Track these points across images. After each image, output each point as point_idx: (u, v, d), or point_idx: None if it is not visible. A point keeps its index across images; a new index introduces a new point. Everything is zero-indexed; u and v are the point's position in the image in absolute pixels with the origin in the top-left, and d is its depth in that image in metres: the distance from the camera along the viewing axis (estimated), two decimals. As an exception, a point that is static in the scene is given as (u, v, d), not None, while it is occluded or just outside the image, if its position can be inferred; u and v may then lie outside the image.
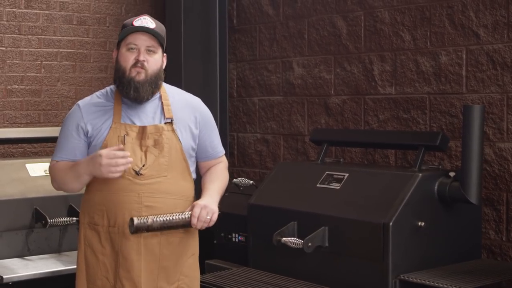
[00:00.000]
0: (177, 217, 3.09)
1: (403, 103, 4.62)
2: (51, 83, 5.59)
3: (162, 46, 3.21)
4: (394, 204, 3.65)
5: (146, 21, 3.18)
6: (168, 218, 3.06)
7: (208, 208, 3.13)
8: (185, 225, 3.12)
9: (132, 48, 3.16)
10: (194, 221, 3.10)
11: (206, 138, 3.34)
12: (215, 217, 3.15)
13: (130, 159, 3.05)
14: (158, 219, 3.04)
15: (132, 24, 3.17)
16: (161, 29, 3.22)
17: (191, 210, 3.13)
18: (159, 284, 3.18)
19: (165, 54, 3.28)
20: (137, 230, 3.02)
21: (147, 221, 3.02)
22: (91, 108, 3.22)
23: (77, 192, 3.33)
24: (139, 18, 3.20)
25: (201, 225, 3.12)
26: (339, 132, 4.88)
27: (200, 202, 3.15)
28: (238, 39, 5.79)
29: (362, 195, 3.87)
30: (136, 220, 3.01)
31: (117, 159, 3.01)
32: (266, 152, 5.58)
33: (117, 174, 3.05)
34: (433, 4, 4.45)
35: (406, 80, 4.59)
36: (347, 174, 4.04)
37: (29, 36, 5.47)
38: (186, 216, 3.11)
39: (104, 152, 3.03)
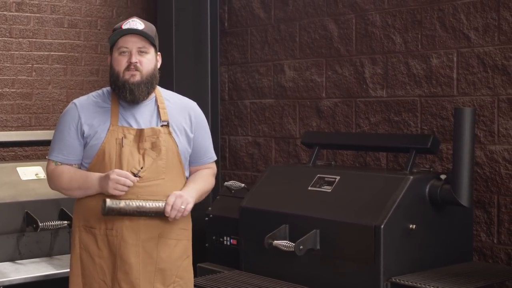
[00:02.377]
0: (151, 204, 3.09)
1: (394, 106, 4.62)
2: (42, 86, 5.58)
3: (154, 45, 3.21)
4: (386, 206, 3.65)
5: (135, 23, 3.19)
6: (142, 204, 3.07)
7: (183, 198, 3.13)
8: (159, 212, 3.10)
9: (123, 52, 3.16)
10: (168, 209, 3.09)
11: (199, 142, 3.35)
12: (189, 207, 3.15)
13: (136, 179, 3.10)
14: (131, 204, 3.05)
15: (121, 28, 3.18)
16: (151, 29, 3.22)
17: (166, 198, 3.13)
18: (155, 286, 3.19)
19: (159, 53, 3.28)
20: (108, 212, 3.03)
21: (119, 204, 3.03)
22: (88, 108, 3.23)
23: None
24: (127, 21, 3.21)
25: (175, 214, 3.11)
26: (330, 135, 4.88)
27: (175, 192, 3.16)
28: (229, 42, 5.79)
29: (354, 198, 3.88)
30: (108, 202, 3.02)
31: (127, 179, 3.05)
32: (257, 155, 5.58)
33: (121, 193, 3.07)
34: (424, 7, 4.46)
35: (397, 83, 4.60)
36: (339, 177, 4.04)
37: (20, 39, 5.46)
38: (161, 204, 3.10)
39: (117, 170, 3.08)
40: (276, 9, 5.40)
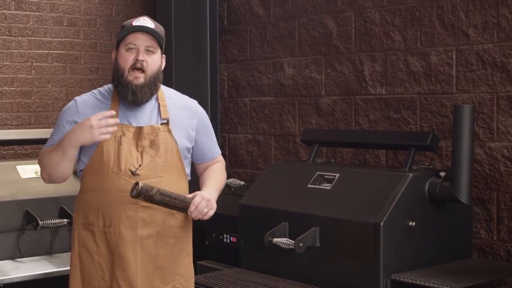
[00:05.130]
0: (178, 198, 3.08)
1: (393, 103, 4.63)
2: (41, 85, 5.58)
3: (161, 46, 3.22)
4: (385, 204, 3.66)
5: (146, 21, 3.19)
6: (170, 196, 3.05)
7: (210, 202, 3.13)
8: (182, 209, 3.11)
9: (131, 48, 3.16)
10: (192, 208, 3.09)
11: (203, 141, 3.36)
12: (211, 213, 3.15)
13: (117, 120, 3.03)
14: (161, 192, 3.02)
15: (131, 25, 3.18)
16: (161, 29, 3.23)
17: (193, 197, 3.12)
18: (154, 284, 3.18)
19: (164, 55, 3.28)
20: (138, 194, 2.98)
21: (151, 190, 3.00)
22: (88, 105, 3.22)
23: (66, 180, 3.25)
24: (138, 18, 3.21)
25: (196, 215, 3.11)
26: (330, 132, 4.88)
27: (204, 193, 3.16)
28: (228, 40, 5.79)
29: (353, 195, 3.88)
30: (141, 184, 2.97)
31: (106, 118, 2.99)
32: (257, 152, 5.58)
33: (108, 135, 3.01)
34: (423, 5, 4.46)
35: (397, 80, 4.60)
36: (338, 175, 4.05)
37: (20, 38, 5.46)
38: (187, 200, 3.10)
39: (91, 116, 3.00)
40: (275, 6, 5.40)
